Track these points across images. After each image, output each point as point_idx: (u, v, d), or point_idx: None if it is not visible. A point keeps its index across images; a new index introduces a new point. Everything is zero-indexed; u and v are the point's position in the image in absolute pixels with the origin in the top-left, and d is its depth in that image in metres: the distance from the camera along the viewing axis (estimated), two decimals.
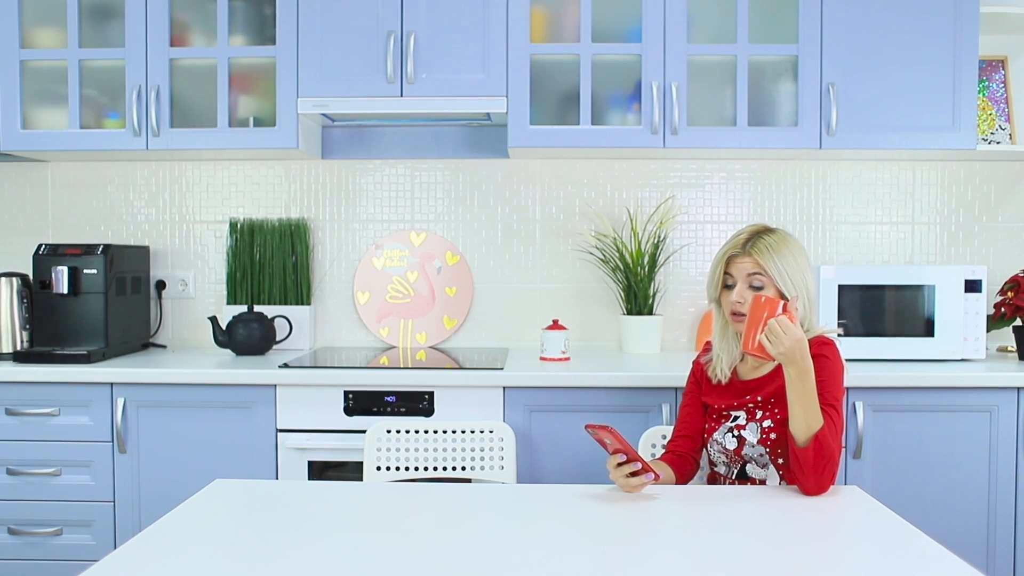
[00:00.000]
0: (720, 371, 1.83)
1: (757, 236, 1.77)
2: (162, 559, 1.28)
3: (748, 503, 1.57)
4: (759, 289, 1.74)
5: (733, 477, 1.79)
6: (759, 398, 1.77)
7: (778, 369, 1.77)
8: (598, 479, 1.69)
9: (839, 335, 2.49)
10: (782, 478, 1.74)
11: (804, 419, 1.61)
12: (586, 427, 1.60)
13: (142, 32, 2.62)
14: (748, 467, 1.77)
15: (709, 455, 1.85)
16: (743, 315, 1.73)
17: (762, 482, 1.75)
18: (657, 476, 1.57)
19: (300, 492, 1.63)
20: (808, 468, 1.59)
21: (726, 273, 1.79)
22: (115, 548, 1.48)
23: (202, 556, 1.30)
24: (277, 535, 1.40)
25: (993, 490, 2.36)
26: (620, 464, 1.57)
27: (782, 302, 1.62)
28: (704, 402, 1.87)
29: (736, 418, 1.79)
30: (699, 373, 1.91)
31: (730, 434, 1.78)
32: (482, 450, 2.14)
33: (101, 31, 2.69)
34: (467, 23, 2.58)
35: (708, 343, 1.92)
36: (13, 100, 2.65)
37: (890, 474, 2.36)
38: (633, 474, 1.56)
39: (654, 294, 2.82)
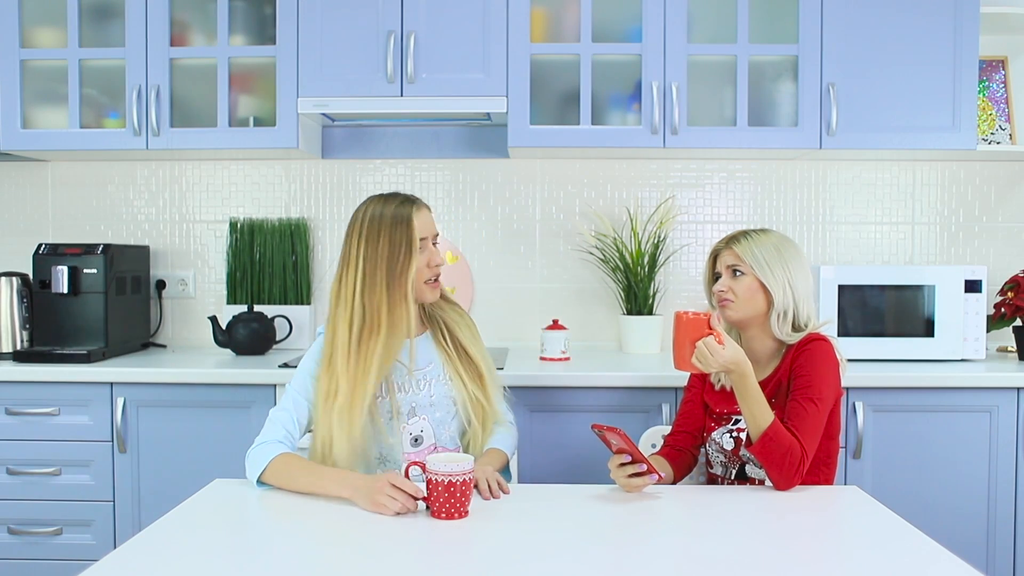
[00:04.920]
0: (724, 378, 1.83)
1: (743, 233, 1.84)
2: (162, 559, 1.28)
3: (748, 503, 1.57)
4: (740, 275, 1.78)
5: (732, 478, 1.80)
6: None
7: None
8: (598, 479, 1.68)
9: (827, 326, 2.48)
10: None
11: (752, 419, 1.65)
12: (592, 427, 1.60)
13: (142, 32, 2.62)
14: (747, 468, 1.77)
15: (707, 454, 1.86)
16: (728, 300, 1.79)
17: (760, 482, 1.75)
18: (661, 477, 1.57)
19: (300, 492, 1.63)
20: (764, 463, 1.62)
21: (715, 271, 1.85)
22: (115, 548, 1.48)
23: (202, 556, 1.30)
24: (277, 535, 1.40)
25: (993, 490, 2.36)
26: (623, 464, 1.57)
27: (705, 318, 1.65)
28: (705, 400, 1.88)
29: (737, 421, 1.79)
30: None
31: (728, 435, 1.79)
32: None
33: (101, 31, 2.69)
34: (467, 23, 2.58)
35: None
36: (13, 100, 2.65)
37: (890, 474, 2.36)
38: (637, 475, 1.56)
39: (654, 294, 2.82)
